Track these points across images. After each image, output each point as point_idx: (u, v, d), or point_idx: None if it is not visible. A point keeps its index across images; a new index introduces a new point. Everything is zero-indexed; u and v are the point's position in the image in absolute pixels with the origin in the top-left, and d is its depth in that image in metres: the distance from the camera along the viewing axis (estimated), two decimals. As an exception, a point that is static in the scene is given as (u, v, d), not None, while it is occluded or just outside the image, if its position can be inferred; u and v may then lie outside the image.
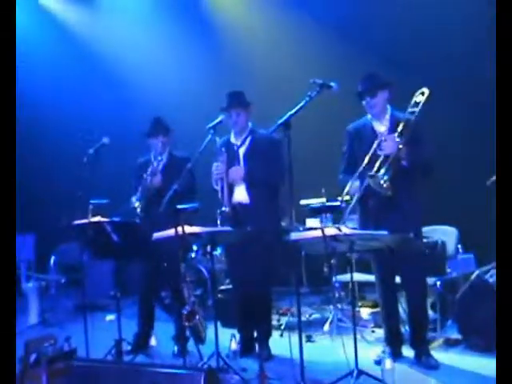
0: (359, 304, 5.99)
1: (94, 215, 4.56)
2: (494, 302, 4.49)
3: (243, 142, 4.86)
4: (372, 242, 3.83)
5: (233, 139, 4.90)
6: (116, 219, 4.48)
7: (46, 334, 4.48)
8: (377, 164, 4.21)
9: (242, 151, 4.84)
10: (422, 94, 4.40)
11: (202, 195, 5.01)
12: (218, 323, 4.49)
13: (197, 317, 4.56)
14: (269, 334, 4.99)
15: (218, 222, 4.57)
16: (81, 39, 8.61)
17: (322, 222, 6.11)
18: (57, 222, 5.02)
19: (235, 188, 4.79)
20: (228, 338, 4.55)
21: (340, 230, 3.67)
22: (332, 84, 4.05)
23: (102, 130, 5.30)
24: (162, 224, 4.26)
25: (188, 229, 4.12)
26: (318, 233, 3.66)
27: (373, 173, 4.18)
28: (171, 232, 4.09)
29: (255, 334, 4.98)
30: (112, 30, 8.37)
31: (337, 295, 5.83)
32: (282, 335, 5.55)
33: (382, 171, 4.17)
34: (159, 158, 5.19)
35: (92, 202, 4.62)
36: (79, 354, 4.55)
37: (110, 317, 6.33)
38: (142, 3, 8.47)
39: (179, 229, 4.05)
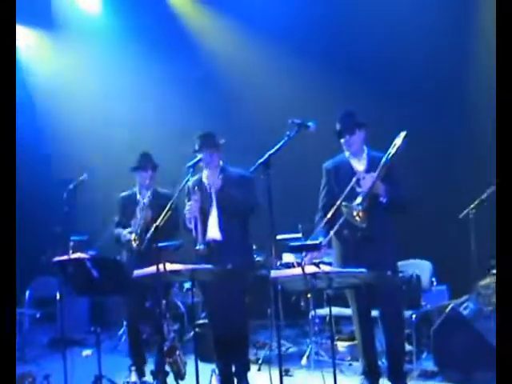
0: (336, 337, 6.04)
1: (74, 251, 4.57)
2: (469, 334, 4.70)
3: (214, 180, 4.93)
4: (351, 280, 3.91)
5: (205, 179, 4.98)
6: (96, 255, 4.49)
7: (24, 371, 4.47)
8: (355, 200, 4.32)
9: (213, 190, 4.92)
10: (400, 136, 4.51)
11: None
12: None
13: (177, 352, 4.58)
14: (247, 368, 5.01)
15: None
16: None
17: (300, 258, 6.19)
18: (32, 256, 5.02)
19: (208, 225, 4.86)
20: (208, 374, 4.58)
21: (319, 267, 3.74)
22: (310, 124, 4.17)
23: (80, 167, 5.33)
24: (144, 261, 4.30)
25: (169, 266, 4.15)
26: (299, 271, 3.72)
27: (346, 203, 4.28)
28: (152, 269, 4.11)
29: (233, 369, 5.00)
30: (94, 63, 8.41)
31: (316, 329, 5.89)
32: (259, 369, 5.59)
33: (358, 201, 4.28)
34: (147, 194, 5.27)
35: (73, 238, 4.62)
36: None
37: (87, 352, 6.26)
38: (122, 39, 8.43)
39: (161, 266, 4.07)
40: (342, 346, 5.93)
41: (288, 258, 6.36)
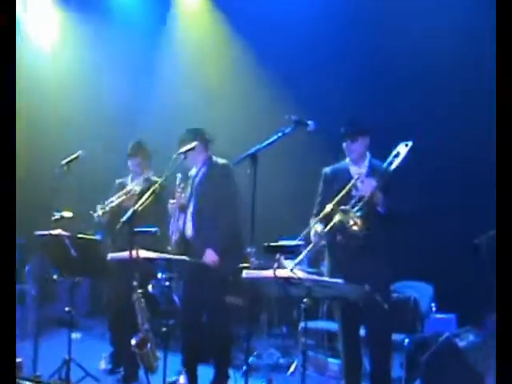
0: (329, 354, 5.74)
1: (56, 228, 4.45)
2: (461, 368, 4.34)
3: (197, 173, 4.89)
4: (327, 290, 3.63)
5: (192, 171, 4.93)
6: (74, 234, 4.37)
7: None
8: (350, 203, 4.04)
9: (196, 180, 4.86)
10: (406, 145, 4.23)
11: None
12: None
13: (148, 345, 4.39)
14: (224, 372, 4.83)
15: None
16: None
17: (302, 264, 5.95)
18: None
19: (186, 219, 4.77)
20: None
21: (294, 273, 3.49)
22: (309, 122, 3.96)
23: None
24: (121, 244, 4.16)
25: (143, 253, 3.99)
26: (270, 273, 3.49)
27: (346, 207, 3.99)
28: (126, 254, 3.96)
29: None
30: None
31: (303, 340, 5.61)
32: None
33: (356, 209, 3.99)
34: (139, 180, 5.14)
35: (56, 214, 4.50)
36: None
37: (76, 335, 6.17)
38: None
39: (133, 252, 3.91)
40: (334, 363, 5.60)
41: (289, 264, 6.09)
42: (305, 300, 3.62)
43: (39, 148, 7.90)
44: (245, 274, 3.69)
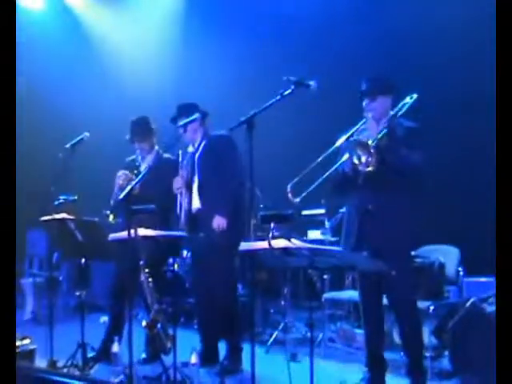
0: (356, 324, 5.53)
1: (60, 212, 4.38)
2: (490, 335, 4.05)
3: (197, 149, 4.73)
4: (330, 259, 3.42)
5: (190, 148, 4.78)
6: (78, 217, 4.28)
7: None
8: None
9: (197, 156, 4.70)
10: (411, 98, 4.03)
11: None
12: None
13: (158, 325, 4.29)
14: (237, 350, 4.67)
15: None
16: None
17: (325, 234, 5.77)
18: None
19: (193, 195, 4.66)
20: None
21: (291, 242, 3.29)
22: (310, 82, 3.70)
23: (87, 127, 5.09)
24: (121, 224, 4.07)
25: (142, 231, 3.87)
26: (265, 244, 3.30)
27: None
28: (125, 234, 3.85)
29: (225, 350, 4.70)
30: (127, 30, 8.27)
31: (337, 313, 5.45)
32: (267, 351, 5.23)
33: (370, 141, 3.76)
34: (148, 158, 5.02)
35: (61, 197, 4.43)
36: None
37: (104, 318, 6.16)
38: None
39: (132, 231, 3.79)
40: (361, 333, 5.39)
41: (314, 234, 5.91)
42: (309, 271, 3.45)
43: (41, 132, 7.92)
44: (242, 246, 3.52)
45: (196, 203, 4.65)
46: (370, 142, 3.75)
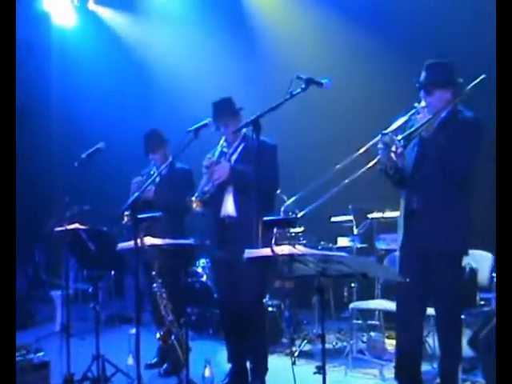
0: (385, 334, 5.27)
1: (73, 222, 4.32)
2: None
3: (235, 150, 4.46)
4: (339, 267, 3.17)
5: (224, 148, 4.46)
6: (90, 227, 4.21)
7: (19, 344, 4.33)
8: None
9: (233, 159, 4.43)
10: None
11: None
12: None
13: (172, 337, 4.16)
14: (263, 365, 4.41)
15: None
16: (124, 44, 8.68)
17: (355, 241, 5.55)
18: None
19: (224, 201, 4.35)
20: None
21: (295, 248, 3.09)
22: (323, 81, 3.51)
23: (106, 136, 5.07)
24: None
25: (149, 240, 3.75)
26: (268, 251, 3.12)
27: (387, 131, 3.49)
28: (132, 243, 3.73)
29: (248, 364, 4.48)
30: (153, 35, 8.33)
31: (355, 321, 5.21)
32: (294, 363, 5.03)
33: (400, 137, 3.48)
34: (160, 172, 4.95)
35: (73, 208, 4.39)
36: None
37: (133, 330, 6.09)
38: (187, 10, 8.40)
39: (138, 240, 3.68)
40: (391, 344, 5.12)
41: (343, 241, 5.69)
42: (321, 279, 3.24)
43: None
44: (246, 253, 3.33)
45: (230, 210, 4.36)
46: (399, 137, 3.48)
